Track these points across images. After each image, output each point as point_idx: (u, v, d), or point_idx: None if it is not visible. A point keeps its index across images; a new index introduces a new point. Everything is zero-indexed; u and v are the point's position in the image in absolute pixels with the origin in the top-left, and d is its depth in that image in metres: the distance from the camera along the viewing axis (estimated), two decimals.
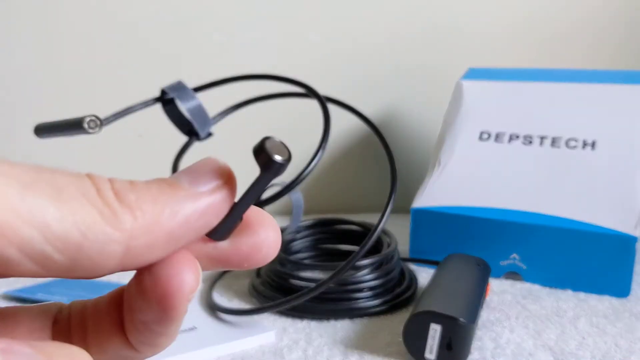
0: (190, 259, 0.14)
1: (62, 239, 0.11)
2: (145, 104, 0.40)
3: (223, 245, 0.14)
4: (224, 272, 0.51)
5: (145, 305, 0.14)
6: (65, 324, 0.16)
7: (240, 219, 0.14)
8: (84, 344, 0.15)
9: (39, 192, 0.11)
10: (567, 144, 0.52)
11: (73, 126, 0.34)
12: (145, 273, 0.13)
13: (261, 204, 0.37)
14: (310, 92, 0.40)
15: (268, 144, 0.13)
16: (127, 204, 0.12)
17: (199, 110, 0.41)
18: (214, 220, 0.14)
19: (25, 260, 0.11)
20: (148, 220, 0.12)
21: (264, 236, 0.15)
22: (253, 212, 0.15)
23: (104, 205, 0.12)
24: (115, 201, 0.12)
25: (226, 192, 0.14)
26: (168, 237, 0.13)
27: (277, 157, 0.13)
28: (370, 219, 0.50)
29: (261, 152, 0.13)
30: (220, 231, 0.14)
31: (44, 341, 0.13)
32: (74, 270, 0.12)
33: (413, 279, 0.48)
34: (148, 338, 0.15)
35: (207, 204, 0.13)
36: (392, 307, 0.43)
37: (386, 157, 0.41)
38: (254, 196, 0.14)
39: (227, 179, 0.14)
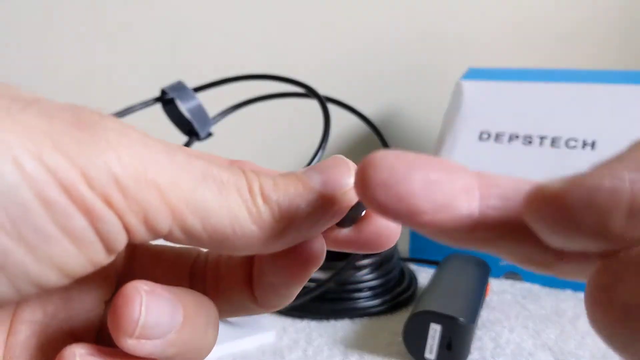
0: (319, 236, 0.16)
1: (216, 228, 0.13)
2: (145, 104, 0.41)
3: (346, 231, 0.16)
4: None
5: (276, 269, 0.16)
6: (201, 271, 0.18)
7: (362, 212, 0.16)
8: (215, 292, 0.17)
9: (207, 188, 0.13)
10: (567, 144, 0.52)
11: None
12: None
13: None
14: (310, 92, 0.40)
15: None
16: (269, 204, 0.14)
17: (199, 110, 0.41)
18: (340, 218, 0.15)
19: (181, 237, 0.13)
20: (285, 221, 0.14)
21: (384, 225, 0.16)
22: None
23: (253, 204, 0.14)
24: (261, 200, 0.14)
25: (353, 193, 0.15)
26: (299, 234, 0.15)
27: None
28: None
29: None
30: (344, 222, 0.15)
31: (180, 287, 0.14)
32: (216, 249, 0.15)
33: (413, 279, 0.48)
34: (271, 296, 0.17)
35: (335, 207, 0.15)
36: (392, 307, 0.43)
37: None
38: None
39: (354, 179, 0.14)
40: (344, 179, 0.15)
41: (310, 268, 0.16)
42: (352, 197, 0.15)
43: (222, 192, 0.13)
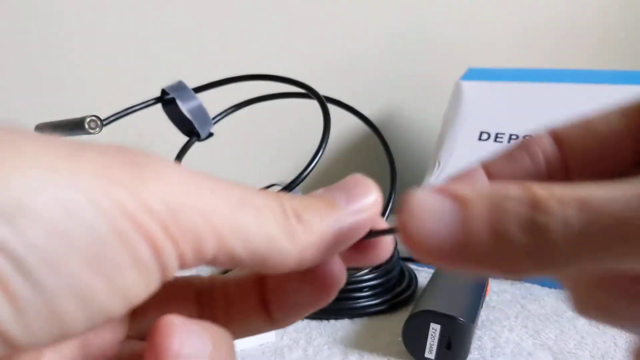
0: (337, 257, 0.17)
1: (255, 249, 0.14)
2: (146, 104, 0.41)
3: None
4: (225, 271, 0.51)
5: (303, 289, 0.17)
6: (208, 297, 0.18)
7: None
8: (226, 317, 0.18)
9: (246, 213, 0.14)
10: None
11: (74, 126, 0.34)
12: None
13: None
14: (310, 92, 0.41)
15: None
16: (302, 224, 0.15)
17: (200, 110, 0.41)
18: (364, 232, 0.16)
19: (225, 260, 0.14)
20: (316, 238, 0.15)
21: (383, 240, 0.17)
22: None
23: (287, 225, 0.15)
24: (295, 221, 0.15)
25: (376, 208, 0.16)
26: (330, 249, 0.16)
27: None
28: None
29: None
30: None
31: (205, 322, 0.15)
32: (255, 269, 0.15)
33: (413, 279, 0.48)
34: (292, 314, 0.18)
35: (360, 223, 0.16)
36: (392, 306, 0.43)
37: (386, 157, 0.41)
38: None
39: (375, 194, 0.16)
40: (367, 198, 0.16)
41: (338, 286, 0.17)
42: (374, 215, 0.16)
43: (259, 216, 0.14)
